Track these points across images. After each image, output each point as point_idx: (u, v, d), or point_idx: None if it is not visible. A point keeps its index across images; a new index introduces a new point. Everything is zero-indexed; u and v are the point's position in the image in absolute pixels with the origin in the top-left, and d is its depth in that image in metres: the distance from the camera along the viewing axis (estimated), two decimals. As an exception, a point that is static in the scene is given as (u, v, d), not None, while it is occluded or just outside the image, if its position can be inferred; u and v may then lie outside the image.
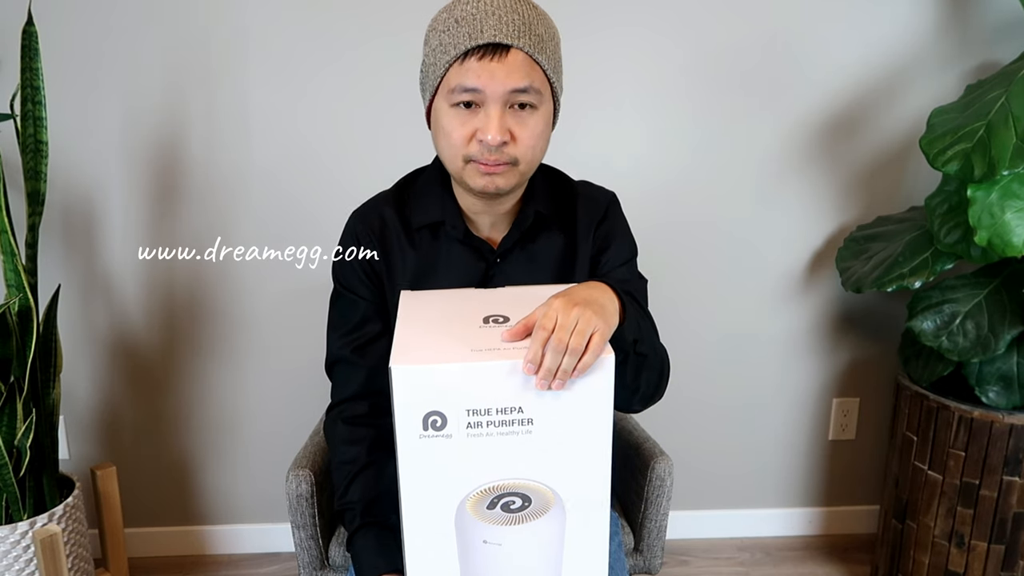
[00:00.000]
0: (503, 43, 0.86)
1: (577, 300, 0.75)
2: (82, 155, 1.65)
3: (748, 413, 1.90)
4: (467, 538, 0.76)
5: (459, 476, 0.74)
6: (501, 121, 0.88)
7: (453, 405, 0.71)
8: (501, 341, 0.74)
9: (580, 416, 0.73)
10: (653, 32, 1.65)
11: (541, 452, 0.74)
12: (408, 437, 0.72)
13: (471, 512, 0.75)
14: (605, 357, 0.73)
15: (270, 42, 1.61)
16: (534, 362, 0.70)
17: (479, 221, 1.01)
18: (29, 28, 1.34)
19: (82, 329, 1.75)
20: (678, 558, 1.90)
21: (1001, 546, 1.50)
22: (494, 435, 0.72)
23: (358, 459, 0.99)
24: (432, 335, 0.77)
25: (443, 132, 0.92)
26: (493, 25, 0.86)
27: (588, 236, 1.03)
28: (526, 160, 0.92)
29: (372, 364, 1.01)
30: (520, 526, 0.75)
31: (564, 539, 0.77)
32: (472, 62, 0.87)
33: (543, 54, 0.89)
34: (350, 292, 1.03)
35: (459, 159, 0.92)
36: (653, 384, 0.95)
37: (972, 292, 1.50)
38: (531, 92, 0.88)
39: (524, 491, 0.75)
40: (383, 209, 1.03)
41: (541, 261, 1.02)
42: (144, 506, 1.86)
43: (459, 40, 0.87)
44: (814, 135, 1.73)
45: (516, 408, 0.72)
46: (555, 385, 0.71)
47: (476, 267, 1.01)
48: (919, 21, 1.67)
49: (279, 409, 1.81)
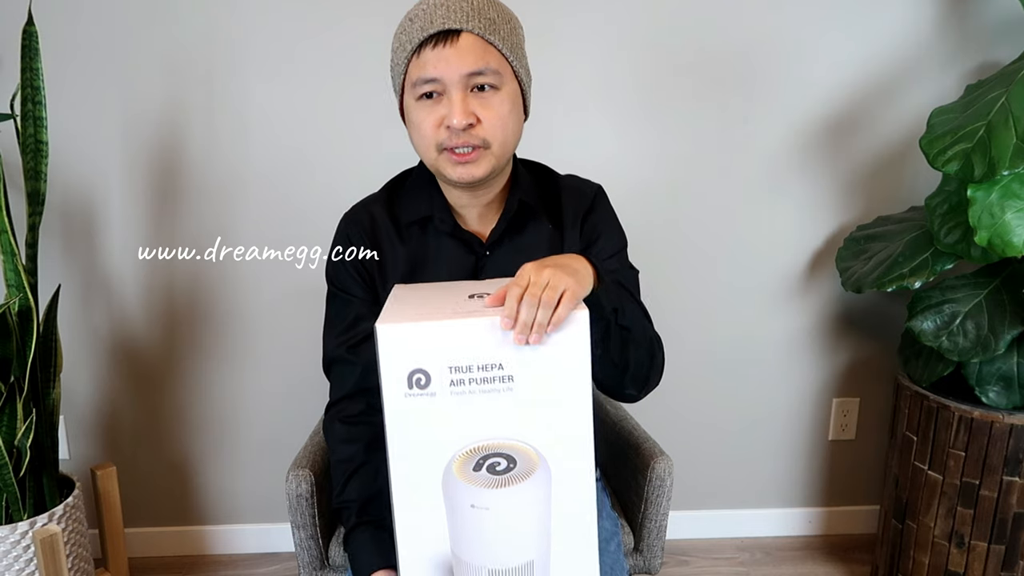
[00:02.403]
0: (453, 28, 0.88)
1: (548, 263, 0.78)
2: (82, 155, 1.65)
3: (748, 413, 1.90)
4: (455, 502, 0.77)
5: (444, 438, 0.75)
6: (464, 104, 0.90)
7: (436, 363, 0.73)
8: (483, 307, 0.77)
9: (558, 372, 0.75)
10: (653, 32, 1.65)
11: (523, 410, 0.75)
12: (394, 397, 0.74)
13: (457, 475, 0.76)
14: (578, 312, 0.75)
15: (270, 43, 1.61)
16: (510, 316, 0.72)
17: (466, 214, 1.03)
18: (29, 28, 1.34)
19: (82, 329, 1.75)
20: (678, 558, 1.90)
21: (1001, 546, 1.50)
22: (476, 393, 0.74)
23: (355, 458, 1.00)
24: (418, 305, 0.80)
25: (414, 126, 0.94)
26: (443, 14, 0.89)
27: (575, 226, 1.04)
28: (497, 141, 0.93)
29: (367, 361, 1.01)
30: (507, 489, 0.76)
31: (551, 501, 0.78)
32: (427, 52, 0.89)
33: (496, 35, 0.90)
34: (343, 292, 1.04)
35: (432, 149, 0.93)
36: (644, 365, 0.95)
37: (972, 292, 1.50)
38: (488, 73, 0.90)
39: (509, 451, 0.76)
40: (373, 208, 1.05)
41: (530, 252, 1.02)
42: (144, 506, 1.86)
43: (413, 35, 0.90)
44: (814, 135, 1.73)
45: (497, 365, 0.74)
46: (532, 339, 0.73)
47: (466, 260, 1.02)
48: (919, 21, 1.67)
49: (279, 409, 1.82)
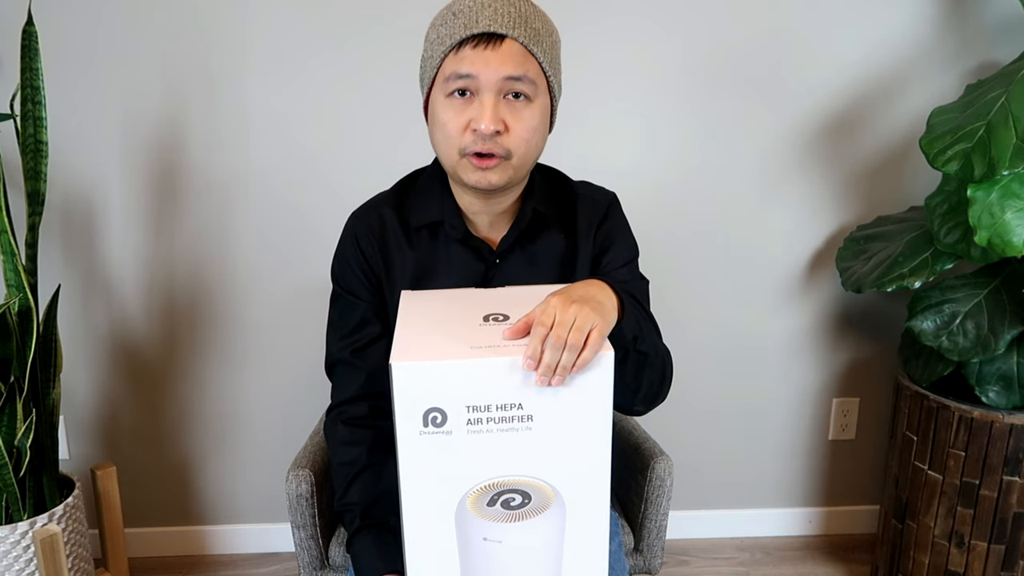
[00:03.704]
0: (498, 32, 0.87)
1: (575, 297, 0.75)
2: (82, 155, 1.65)
3: (748, 413, 1.90)
4: (467, 535, 0.76)
5: (459, 473, 0.74)
6: (495, 110, 0.88)
7: (453, 402, 0.71)
8: (501, 339, 0.74)
9: (580, 413, 0.73)
10: (651, 32, 1.65)
11: (541, 449, 0.74)
12: (408, 434, 0.72)
13: (471, 509, 0.75)
14: (604, 353, 0.73)
15: (270, 43, 1.61)
16: (534, 358, 0.71)
17: (478, 221, 1.01)
18: (29, 28, 1.34)
19: (82, 329, 1.75)
20: (678, 558, 1.90)
21: (1001, 546, 1.50)
22: (494, 432, 0.72)
23: (358, 460, 0.99)
24: (432, 333, 0.77)
25: (438, 123, 0.92)
26: (489, 16, 0.87)
27: (589, 237, 1.03)
28: (519, 153, 0.91)
29: (371, 366, 1.00)
30: (520, 523, 0.75)
31: (564, 536, 0.77)
32: (467, 50, 0.88)
33: (538, 46, 0.89)
34: (349, 294, 1.02)
35: (454, 151, 0.91)
36: (655, 385, 0.94)
37: (972, 292, 1.50)
38: (525, 82, 0.89)
39: (524, 488, 0.75)
40: (382, 209, 1.02)
41: (541, 262, 1.01)
42: (144, 506, 1.86)
43: (455, 30, 0.88)
44: (814, 135, 1.73)
45: (516, 405, 0.72)
46: (555, 381, 0.71)
47: (475, 268, 1.00)
48: (919, 21, 1.67)
49: (279, 409, 1.81)
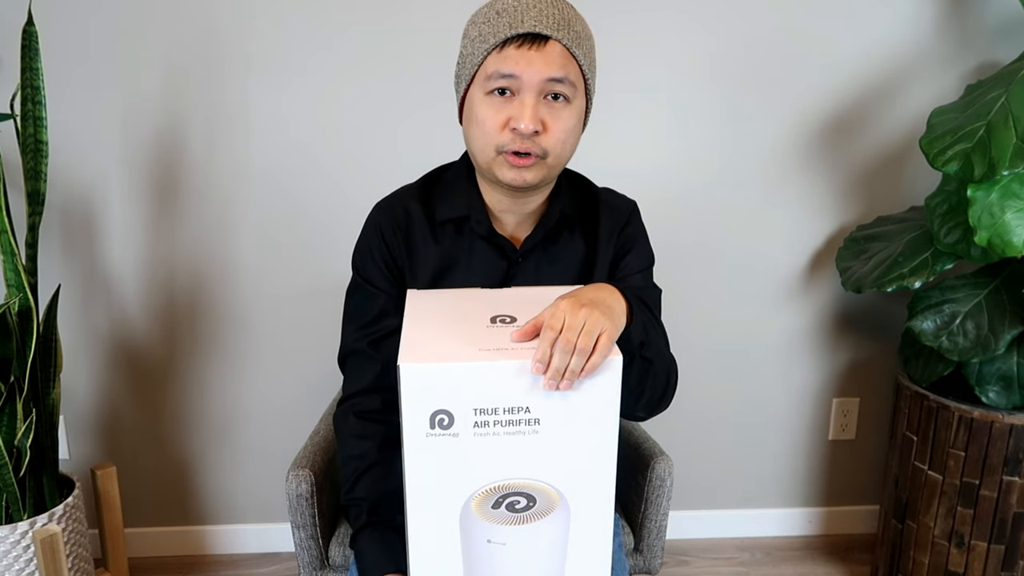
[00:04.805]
0: (542, 34, 0.88)
1: (584, 301, 0.75)
2: (82, 155, 1.65)
3: (748, 413, 1.90)
4: (471, 537, 0.76)
5: (465, 475, 0.74)
6: (535, 110, 0.89)
7: (460, 404, 0.71)
8: (509, 341, 0.74)
9: (587, 417, 0.74)
10: (651, 33, 1.64)
11: (547, 452, 0.74)
12: (415, 435, 0.72)
13: (476, 511, 0.75)
14: (612, 358, 0.73)
15: (271, 42, 1.61)
16: (543, 362, 0.71)
17: (504, 219, 1.01)
18: (29, 28, 1.34)
19: (82, 329, 1.75)
20: (678, 558, 1.90)
21: (1001, 546, 1.50)
22: (500, 435, 0.72)
23: (367, 455, 0.98)
24: (439, 334, 0.77)
25: (477, 121, 0.92)
26: (534, 16, 0.88)
27: (610, 242, 1.03)
28: (555, 153, 0.92)
29: (387, 358, 0.99)
30: (524, 526, 0.75)
31: (568, 539, 0.77)
32: (511, 50, 0.88)
33: (580, 49, 0.90)
34: (369, 284, 1.02)
35: (491, 148, 0.91)
36: (658, 392, 0.94)
37: (972, 292, 1.50)
38: (566, 83, 0.89)
39: (529, 491, 0.75)
40: (408, 202, 1.02)
41: (562, 264, 1.01)
42: (144, 506, 1.86)
43: (499, 29, 0.88)
44: (814, 135, 1.73)
45: (523, 408, 0.72)
46: (563, 385, 0.71)
47: (498, 266, 1.00)
48: (919, 21, 1.67)
49: (279, 409, 1.81)
